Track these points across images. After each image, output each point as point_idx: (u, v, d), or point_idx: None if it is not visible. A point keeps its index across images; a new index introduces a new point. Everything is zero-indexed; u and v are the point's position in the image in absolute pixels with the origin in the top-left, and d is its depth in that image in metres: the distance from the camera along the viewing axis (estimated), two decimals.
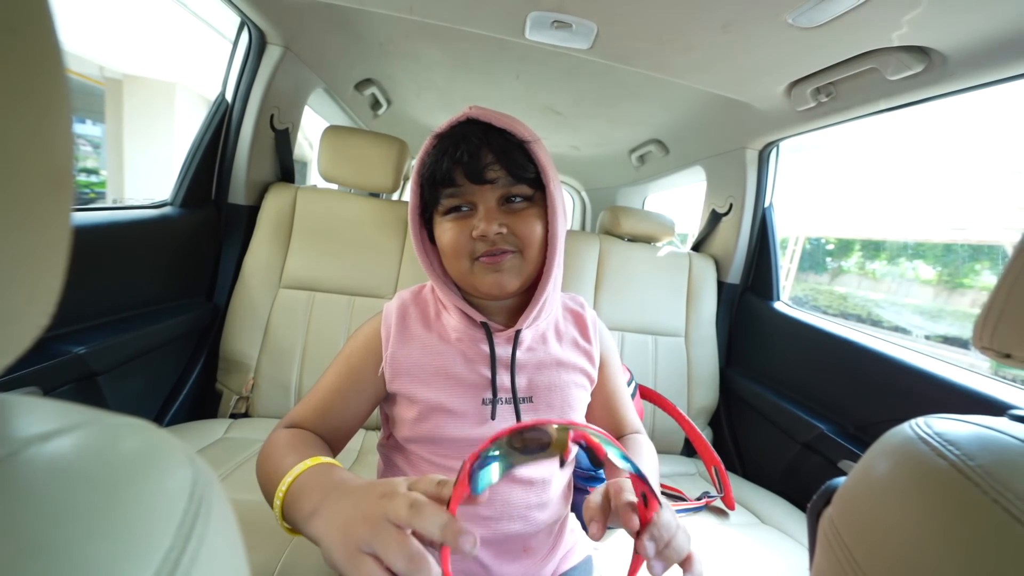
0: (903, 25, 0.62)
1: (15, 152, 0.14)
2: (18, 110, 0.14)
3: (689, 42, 0.80)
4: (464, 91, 1.39)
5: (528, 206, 0.44)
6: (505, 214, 0.42)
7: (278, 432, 0.43)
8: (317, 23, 0.98)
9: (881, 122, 0.91)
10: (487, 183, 0.41)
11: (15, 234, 0.15)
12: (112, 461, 0.16)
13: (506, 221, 0.42)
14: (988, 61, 0.64)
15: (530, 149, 0.43)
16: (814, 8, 0.62)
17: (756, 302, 1.24)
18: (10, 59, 0.13)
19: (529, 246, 0.43)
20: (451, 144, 0.41)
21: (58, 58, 0.17)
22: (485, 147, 0.41)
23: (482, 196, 0.42)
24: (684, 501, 0.93)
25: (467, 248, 0.43)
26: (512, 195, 0.43)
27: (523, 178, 0.42)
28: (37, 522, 0.12)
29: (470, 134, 0.42)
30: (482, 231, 0.41)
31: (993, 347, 0.35)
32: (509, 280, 0.43)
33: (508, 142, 0.42)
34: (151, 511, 0.15)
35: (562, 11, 0.76)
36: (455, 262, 0.44)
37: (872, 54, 0.72)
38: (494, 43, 0.95)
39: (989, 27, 0.59)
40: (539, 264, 0.45)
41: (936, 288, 2.14)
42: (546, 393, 0.48)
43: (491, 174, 0.41)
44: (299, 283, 1.05)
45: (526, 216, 0.43)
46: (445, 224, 0.44)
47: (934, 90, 0.73)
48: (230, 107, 1.01)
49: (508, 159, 0.41)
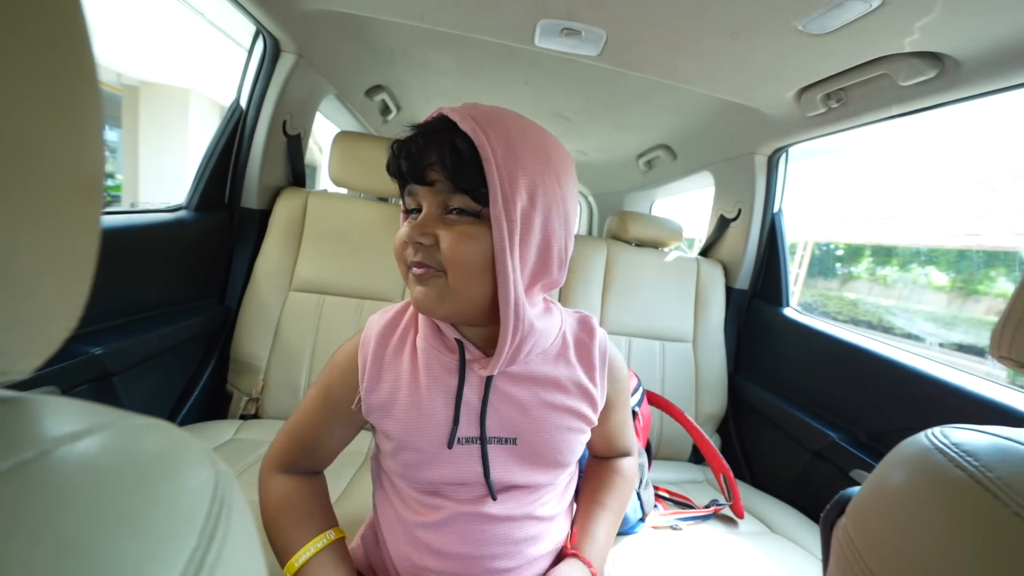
0: (915, 31, 0.62)
1: (50, 160, 0.15)
2: (54, 120, 0.15)
3: (698, 49, 0.80)
4: (473, 97, 1.40)
5: (469, 223, 0.37)
6: (442, 225, 0.37)
7: (273, 487, 0.46)
8: (330, 31, 1.00)
9: (892, 126, 0.90)
10: (427, 184, 0.37)
11: (47, 240, 0.15)
12: (138, 462, 0.16)
13: (439, 232, 0.37)
14: (1002, 67, 0.64)
15: (487, 165, 0.35)
16: (824, 15, 0.62)
17: (765, 308, 1.23)
18: (48, 71, 0.14)
19: (452, 268, 0.36)
20: (407, 141, 0.38)
21: (92, 70, 0.17)
22: (434, 146, 0.36)
23: (424, 199, 0.38)
24: (692, 509, 0.92)
25: (402, 253, 0.39)
26: (451, 205, 0.37)
27: (464, 188, 0.36)
28: (69, 521, 0.13)
29: (428, 129, 0.37)
30: (404, 235, 0.38)
31: (1012, 356, 0.34)
32: (432, 301, 0.38)
33: (458, 147, 0.36)
34: (176, 511, 0.15)
35: (571, 19, 0.77)
36: (400, 266, 0.41)
37: (884, 60, 0.71)
38: (503, 49, 0.96)
39: (1004, 32, 0.58)
40: (483, 295, 0.38)
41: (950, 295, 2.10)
42: (532, 436, 0.43)
43: (431, 175, 0.37)
44: (309, 286, 1.06)
45: (458, 233, 0.36)
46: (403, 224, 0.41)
47: (947, 96, 0.73)
48: (244, 113, 1.03)
49: (452, 164, 0.36)
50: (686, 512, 0.90)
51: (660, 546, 0.79)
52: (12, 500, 0.12)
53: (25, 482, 0.13)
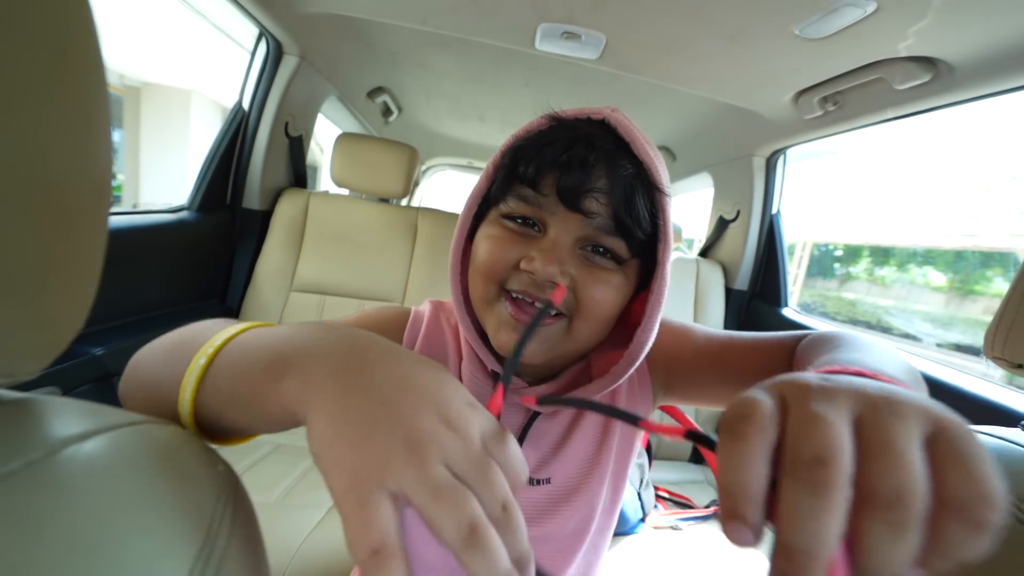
0: (910, 36, 0.63)
1: (60, 164, 0.15)
2: (65, 125, 0.15)
3: (697, 52, 0.81)
4: (474, 98, 1.41)
5: (613, 269, 0.31)
6: (579, 263, 0.30)
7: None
8: (332, 34, 1.00)
9: (890, 128, 0.91)
10: (579, 212, 0.29)
11: (55, 243, 0.16)
12: (145, 462, 0.16)
13: (574, 271, 0.30)
14: (996, 71, 0.64)
15: (659, 201, 0.30)
16: (821, 20, 0.63)
17: (764, 309, 1.24)
18: (59, 77, 0.15)
19: (587, 318, 0.30)
20: (562, 139, 0.30)
21: (102, 77, 0.18)
22: (603, 166, 0.29)
23: (561, 223, 0.30)
24: (692, 509, 0.92)
25: (502, 271, 0.31)
26: (601, 245, 0.31)
27: (629, 232, 0.30)
28: (80, 520, 0.13)
29: (595, 139, 0.30)
30: (535, 267, 0.29)
31: (1005, 357, 0.35)
32: (536, 349, 0.31)
33: (636, 176, 0.30)
34: (184, 510, 0.15)
35: (571, 23, 0.78)
36: (480, 282, 0.32)
37: (879, 64, 0.72)
38: (504, 52, 0.97)
39: (996, 37, 0.59)
40: (592, 343, 0.33)
41: (948, 295, 2.11)
42: (571, 480, 0.36)
43: (591, 204, 0.29)
44: (310, 287, 1.07)
45: (603, 279, 0.30)
46: (495, 227, 0.32)
47: (942, 99, 0.73)
48: (246, 115, 1.04)
49: (624, 196, 0.29)
50: (686, 512, 0.90)
51: (661, 546, 0.80)
52: (23, 499, 0.13)
53: (35, 481, 0.13)
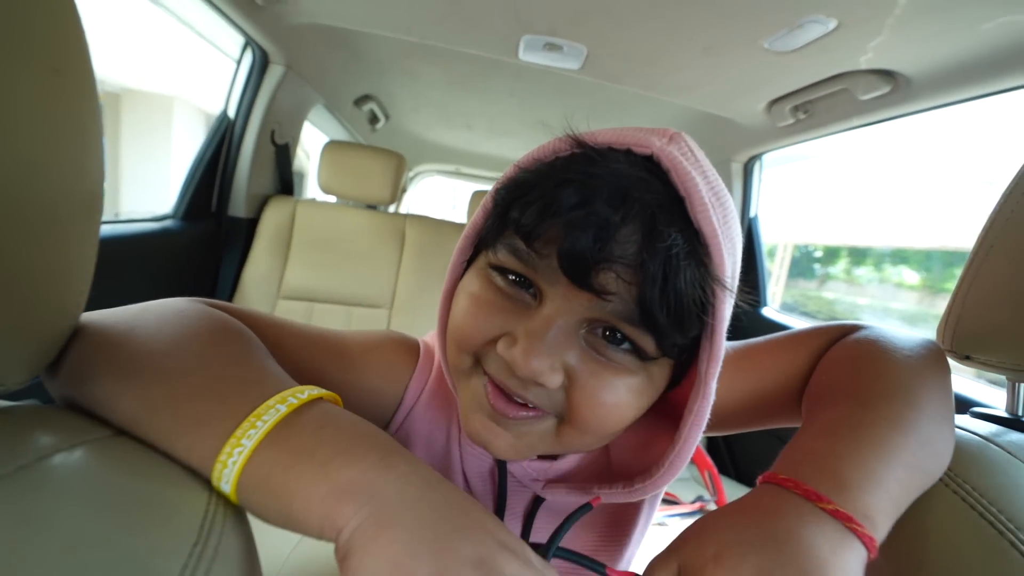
0: (869, 51, 0.67)
1: (56, 178, 0.16)
2: (61, 140, 0.16)
3: (674, 63, 0.84)
4: (460, 107, 1.43)
5: (632, 368, 0.22)
6: (580, 354, 0.22)
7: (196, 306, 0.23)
8: (318, 43, 1.01)
9: (867, 133, 0.95)
10: (588, 291, 0.20)
11: (49, 254, 0.17)
12: (139, 465, 0.17)
13: (572, 368, 0.22)
14: (949, 83, 0.69)
15: (714, 293, 0.21)
16: (787, 35, 0.67)
17: (744, 309, 1.28)
18: (54, 96, 0.16)
19: (580, 429, 0.23)
20: (579, 182, 0.20)
21: (94, 93, 0.19)
22: (637, 227, 0.20)
23: (561, 299, 0.21)
24: (678, 505, 0.94)
25: (478, 343, 0.23)
26: (618, 332, 0.21)
27: (661, 331, 0.21)
28: (78, 518, 0.14)
29: (631, 187, 0.20)
30: (514, 359, 0.21)
31: (954, 349, 0.38)
32: (511, 448, 0.23)
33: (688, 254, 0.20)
34: (177, 509, 0.16)
35: (553, 35, 0.81)
36: (453, 350, 0.25)
37: (843, 76, 0.76)
38: (489, 62, 0.99)
39: (947, 53, 0.63)
40: (592, 447, 0.27)
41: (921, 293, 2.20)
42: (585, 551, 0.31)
43: (607, 281, 0.20)
44: (298, 294, 1.07)
45: (612, 382, 0.22)
46: (479, 281, 0.24)
47: (901, 109, 0.78)
48: (232, 123, 1.04)
49: (662, 281, 0.20)
50: (672, 509, 0.92)
51: (646, 543, 0.82)
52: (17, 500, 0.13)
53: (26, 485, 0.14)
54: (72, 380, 0.19)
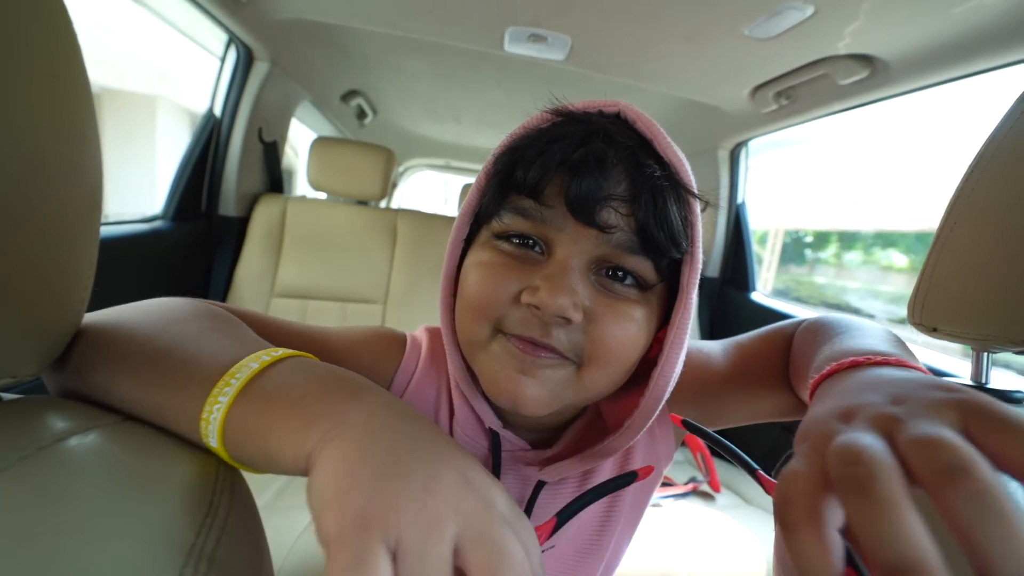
0: (846, 36, 0.68)
1: (57, 179, 0.17)
2: (61, 141, 0.17)
3: (658, 52, 0.85)
4: (448, 99, 1.43)
5: (637, 300, 0.25)
6: (593, 291, 0.24)
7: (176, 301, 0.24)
8: (303, 39, 1.01)
9: (853, 119, 0.96)
10: (594, 227, 0.23)
11: (54, 251, 0.17)
12: (149, 446, 0.18)
13: (588, 307, 0.24)
14: (925, 66, 0.71)
15: (692, 211, 0.25)
16: (767, 21, 0.68)
17: (734, 294, 1.30)
18: (53, 98, 0.16)
19: (604, 364, 0.24)
20: (573, 134, 0.24)
21: (89, 95, 0.20)
22: (625, 168, 0.23)
23: (570, 242, 0.24)
24: (672, 487, 0.97)
25: (497, 306, 0.24)
26: (621, 268, 0.25)
27: (658, 250, 0.24)
28: (97, 491, 0.14)
29: (614, 134, 0.24)
30: (540, 300, 0.22)
31: (923, 322, 0.40)
32: (539, 396, 0.24)
33: (667, 180, 0.24)
34: (187, 485, 0.17)
35: (538, 26, 0.81)
36: (469, 320, 0.26)
37: (823, 61, 0.78)
38: (475, 54, 0.99)
39: (923, 36, 0.65)
40: (607, 393, 0.27)
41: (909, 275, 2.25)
42: (579, 546, 0.33)
43: (608, 216, 0.23)
44: (292, 292, 1.07)
45: (625, 313, 0.24)
46: (487, 251, 0.26)
47: (880, 93, 0.80)
48: (218, 122, 1.03)
49: (653, 205, 0.23)
50: (666, 490, 0.95)
51: (642, 524, 0.84)
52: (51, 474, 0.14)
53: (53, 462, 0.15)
54: (75, 373, 0.20)
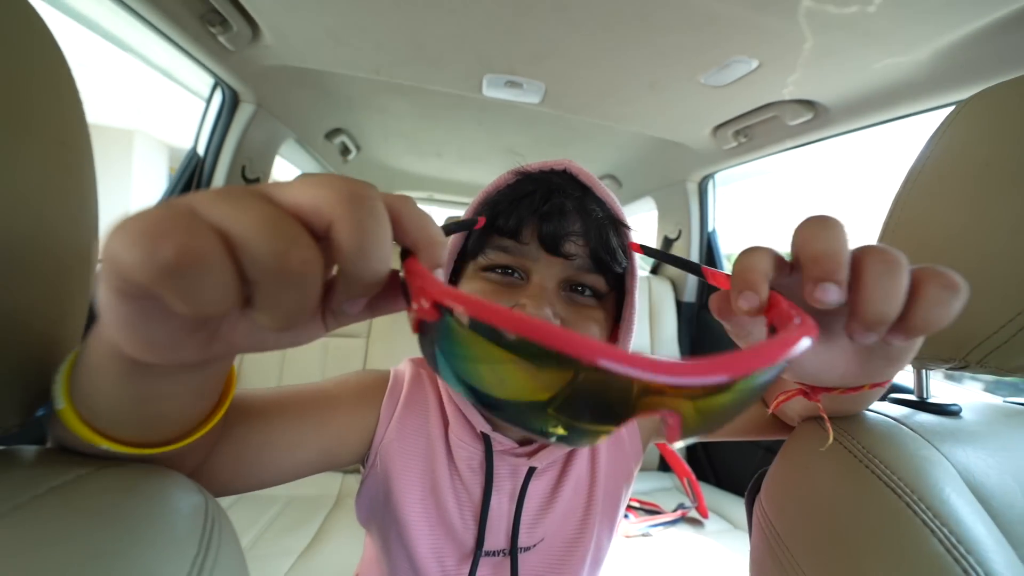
0: (789, 84, 0.76)
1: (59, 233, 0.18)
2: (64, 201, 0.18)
3: (625, 96, 0.92)
4: (430, 137, 1.48)
5: (595, 306, 0.34)
6: (564, 304, 0.32)
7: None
8: (288, 83, 1.04)
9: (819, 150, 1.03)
10: (561, 256, 0.32)
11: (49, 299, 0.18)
12: (134, 495, 0.19)
13: (563, 313, 0.32)
14: (860, 110, 0.79)
15: (625, 235, 0.34)
16: (718, 72, 0.75)
17: (712, 318, 1.35)
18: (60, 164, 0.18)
19: None
20: (537, 191, 0.32)
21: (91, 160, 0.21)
22: (577, 212, 0.32)
23: (544, 268, 0.32)
24: (661, 515, 0.96)
25: None
26: (582, 284, 0.33)
27: (606, 267, 0.33)
28: (92, 535, 0.15)
29: (566, 188, 0.33)
30: (528, 312, 0.29)
31: None
32: None
33: (606, 217, 0.33)
34: (178, 526, 0.18)
35: (513, 73, 0.87)
36: None
37: (772, 105, 0.86)
38: (456, 96, 1.05)
39: (854, 85, 0.73)
40: None
41: None
42: (566, 536, 0.37)
43: (570, 247, 0.32)
44: None
45: (589, 316, 0.33)
46: (477, 281, 0.33)
47: (824, 132, 0.88)
48: (202, 160, 1.04)
49: (599, 236, 0.32)
50: (655, 519, 0.94)
51: (634, 554, 0.83)
52: (48, 520, 0.15)
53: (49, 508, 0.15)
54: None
